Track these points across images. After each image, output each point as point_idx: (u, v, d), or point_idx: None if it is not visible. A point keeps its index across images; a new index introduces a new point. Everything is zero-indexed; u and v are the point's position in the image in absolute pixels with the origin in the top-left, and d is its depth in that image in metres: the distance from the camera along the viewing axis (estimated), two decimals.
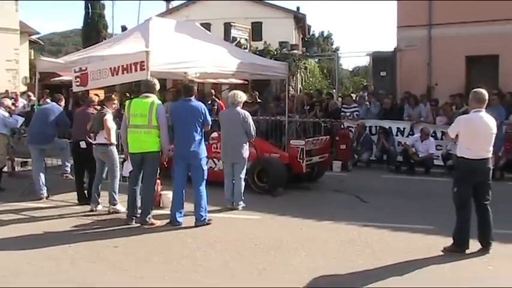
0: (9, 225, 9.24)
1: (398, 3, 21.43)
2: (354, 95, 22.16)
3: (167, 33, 13.06)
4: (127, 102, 9.54)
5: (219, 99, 19.77)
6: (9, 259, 7.47)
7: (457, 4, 19.46)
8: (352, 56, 36.01)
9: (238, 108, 10.62)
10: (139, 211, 9.25)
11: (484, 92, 7.90)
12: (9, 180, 13.10)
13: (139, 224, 9.14)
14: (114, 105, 10.65)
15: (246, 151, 10.55)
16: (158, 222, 9.24)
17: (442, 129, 15.22)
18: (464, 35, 19.39)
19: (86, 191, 10.94)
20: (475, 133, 7.73)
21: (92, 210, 10.21)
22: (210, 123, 9.58)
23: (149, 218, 9.15)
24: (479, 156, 7.68)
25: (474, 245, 7.72)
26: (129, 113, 9.13)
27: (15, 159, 14.26)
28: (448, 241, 7.77)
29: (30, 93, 23.20)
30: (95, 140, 10.34)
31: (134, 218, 9.23)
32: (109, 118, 9.99)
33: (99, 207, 10.27)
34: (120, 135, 9.68)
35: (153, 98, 9.19)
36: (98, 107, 11.10)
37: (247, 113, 10.67)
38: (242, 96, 10.83)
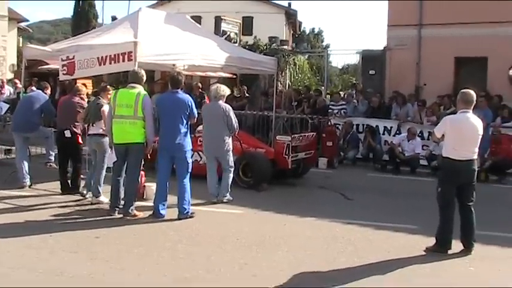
0: None
1: (389, 3, 21.39)
2: (342, 93, 22.13)
3: (156, 24, 12.98)
4: (113, 92, 9.47)
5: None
6: None
7: (448, 5, 19.49)
8: (342, 54, 36.05)
9: (221, 102, 10.58)
10: (122, 202, 9.19)
11: (472, 93, 7.90)
12: None
13: (121, 215, 9.09)
14: (109, 96, 10.54)
15: (227, 144, 10.51)
16: (141, 214, 9.19)
17: (429, 130, 15.22)
18: (454, 36, 19.40)
19: (69, 181, 10.86)
20: (461, 134, 7.72)
21: (91, 203, 10.03)
22: (196, 115, 9.52)
23: (132, 210, 9.10)
24: (464, 157, 7.67)
25: (456, 245, 7.72)
26: (115, 104, 9.05)
27: None
28: (431, 241, 7.78)
29: (17, 81, 23.05)
30: (87, 130, 10.27)
31: (117, 209, 9.18)
32: (106, 109, 9.86)
33: (102, 198, 10.03)
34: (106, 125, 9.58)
35: (140, 89, 9.12)
36: (84, 97, 11.05)
37: (228, 107, 10.63)
38: (225, 90, 10.78)
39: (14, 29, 36.99)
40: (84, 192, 10.39)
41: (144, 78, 9.47)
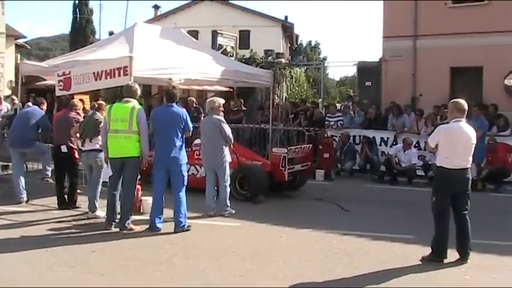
0: None
1: (384, 15, 21.51)
2: (338, 105, 22.18)
3: (152, 39, 13.07)
4: (107, 106, 9.48)
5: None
6: None
7: (442, 16, 19.64)
8: (339, 66, 36.16)
9: (214, 115, 10.62)
10: (118, 216, 9.20)
11: (464, 102, 7.94)
12: None
13: (118, 229, 9.09)
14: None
15: (225, 156, 10.55)
16: (137, 228, 9.21)
17: (425, 140, 15.24)
18: (449, 47, 19.49)
19: (66, 196, 10.88)
20: (454, 143, 7.75)
21: (88, 218, 10.03)
22: (191, 129, 9.55)
23: (128, 224, 9.12)
24: (458, 166, 7.69)
25: (452, 254, 7.72)
26: (110, 118, 9.08)
27: None
28: (427, 250, 7.79)
29: (14, 97, 23.04)
30: (82, 145, 10.29)
31: (113, 223, 9.18)
32: None
33: (98, 212, 10.02)
34: (101, 139, 9.59)
35: (134, 103, 9.15)
36: (81, 112, 11.08)
37: (221, 118, 10.67)
38: (219, 101, 10.83)
39: (11, 46, 37.07)
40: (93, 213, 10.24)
41: (139, 92, 9.50)
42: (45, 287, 6.51)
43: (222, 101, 11.01)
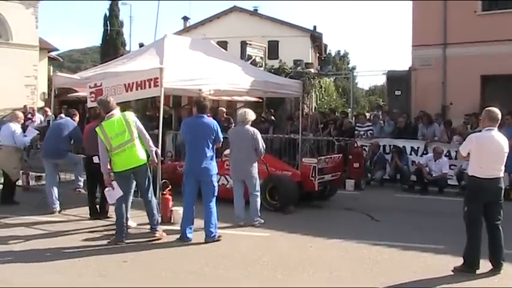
0: (21, 239, 9.29)
1: (414, 23, 21.42)
2: (368, 114, 22.10)
3: (182, 50, 13.17)
4: (98, 130, 9.19)
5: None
6: (18, 272, 7.52)
7: (472, 23, 19.50)
8: (368, 75, 36.09)
9: (248, 126, 10.66)
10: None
11: (497, 110, 7.87)
12: (23, 194, 13.26)
13: (142, 240, 9.16)
14: None
15: (255, 168, 10.58)
16: (164, 234, 9.30)
17: (456, 149, 15.15)
18: (479, 54, 19.33)
19: (97, 206, 11.00)
20: (486, 151, 7.68)
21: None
22: (222, 140, 9.59)
23: (159, 228, 9.25)
24: (490, 175, 7.62)
25: (485, 265, 7.63)
26: (107, 138, 8.97)
27: (30, 173, 14.39)
28: (459, 261, 7.70)
29: (47, 109, 23.43)
30: None
31: (124, 235, 9.11)
32: None
33: (130, 222, 9.82)
34: (100, 161, 9.35)
35: (118, 112, 9.19)
36: None
37: (256, 130, 10.73)
38: (251, 115, 10.86)
39: (44, 58, 37.66)
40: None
41: (113, 102, 9.38)
42: None
43: (254, 116, 11.04)
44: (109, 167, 9.19)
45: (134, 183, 9.41)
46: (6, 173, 12.40)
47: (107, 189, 9.27)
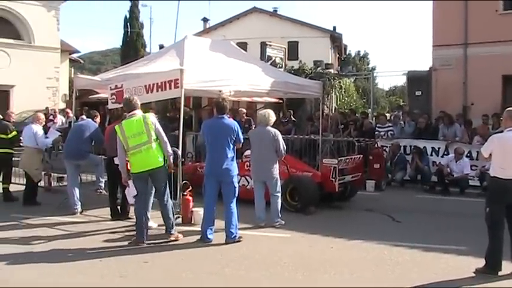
0: (43, 239, 9.38)
1: (434, 23, 21.30)
2: (388, 115, 22.01)
3: (202, 51, 13.20)
4: (117, 127, 9.30)
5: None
6: (40, 272, 7.58)
7: (493, 23, 19.35)
8: (388, 76, 35.92)
9: (269, 127, 10.66)
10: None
11: None
12: (45, 194, 13.39)
13: (162, 240, 9.18)
14: None
15: (276, 169, 10.57)
16: (181, 236, 9.30)
17: (477, 149, 15.05)
18: (500, 54, 19.21)
19: (118, 207, 11.06)
20: (508, 152, 7.60)
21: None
22: (242, 141, 9.59)
23: (174, 231, 9.24)
24: None
25: (507, 266, 7.57)
26: (125, 137, 9.01)
27: (52, 174, 14.50)
28: (481, 262, 7.64)
29: (68, 110, 23.64)
30: None
31: (145, 237, 9.13)
32: None
33: (150, 223, 9.80)
34: (118, 159, 9.50)
35: (140, 113, 9.18)
36: None
37: (277, 131, 10.72)
38: (272, 116, 10.86)
39: (66, 60, 38.02)
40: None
41: (139, 103, 9.42)
42: None
43: (274, 118, 11.04)
44: (128, 167, 9.25)
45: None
46: (28, 174, 12.51)
47: (126, 188, 9.35)
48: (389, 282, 7.24)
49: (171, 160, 9.32)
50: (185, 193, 10.57)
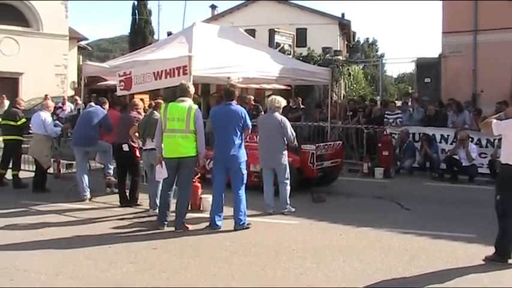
0: (53, 226, 9.43)
1: (444, 9, 21.16)
2: (397, 102, 21.91)
3: (210, 38, 13.18)
4: (162, 106, 9.49)
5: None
6: (50, 258, 7.61)
7: (504, 9, 19.18)
8: (397, 63, 35.80)
9: (277, 114, 10.62)
10: (171, 215, 9.28)
11: None
12: (54, 181, 13.47)
13: (172, 228, 9.14)
14: None
15: (284, 156, 10.54)
16: (190, 227, 9.25)
17: (486, 137, 14.99)
18: (511, 41, 19.02)
19: (127, 194, 11.08)
20: None
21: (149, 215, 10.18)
22: (250, 127, 9.55)
23: (183, 222, 9.18)
24: None
25: None
26: (165, 117, 9.03)
27: (61, 161, 14.53)
28: (490, 250, 7.60)
29: (77, 97, 23.72)
30: (143, 144, 10.44)
31: (165, 222, 9.20)
32: None
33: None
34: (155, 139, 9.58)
35: (190, 102, 9.13)
36: (141, 111, 11.26)
37: (284, 118, 10.68)
38: (280, 101, 10.81)
39: (74, 48, 38.07)
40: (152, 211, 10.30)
41: (192, 91, 9.45)
42: (109, 283, 6.66)
43: (284, 102, 11.00)
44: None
45: None
46: (37, 161, 12.54)
47: (157, 166, 9.34)
48: (398, 269, 7.22)
49: (200, 157, 9.22)
50: (194, 180, 10.57)
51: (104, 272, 7.04)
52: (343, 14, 45.04)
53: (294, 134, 10.79)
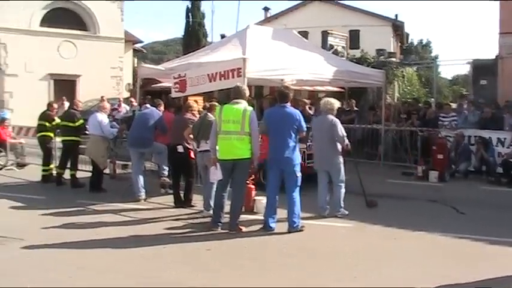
0: (109, 225, 9.61)
1: (501, 10, 20.75)
2: (452, 104, 21.58)
3: (264, 40, 13.24)
4: (217, 108, 9.57)
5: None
6: (105, 257, 7.76)
7: None
8: (452, 64, 35.30)
9: (329, 115, 10.56)
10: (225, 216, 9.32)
11: None
12: (110, 182, 13.65)
13: (226, 230, 9.18)
14: None
15: (339, 158, 10.45)
16: (244, 229, 9.27)
17: None
18: None
19: (182, 195, 11.20)
20: None
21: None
22: (305, 129, 9.56)
23: (237, 224, 9.20)
24: None
25: None
26: (221, 119, 9.06)
27: (117, 162, 14.77)
28: None
29: (132, 99, 24.10)
30: (198, 146, 10.54)
31: (220, 224, 9.25)
32: None
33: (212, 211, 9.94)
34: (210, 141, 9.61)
35: (245, 105, 9.14)
36: (196, 113, 11.36)
37: (335, 119, 10.52)
38: (333, 103, 10.71)
39: (129, 50, 38.74)
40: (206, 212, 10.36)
41: (247, 93, 9.48)
42: (164, 283, 6.75)
43: (337, 105, 10.92)
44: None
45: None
46: (94, 162, 12.78)
47: (212, 167, 9.39)
48: (456, 274, 7.10)
49: (255, 159, 9.22)
50: (247, 181, 10.61)
51: (159, 272, 7.14)
52: (396, 15, 44.88)
53: (345, 134, 10.69)
